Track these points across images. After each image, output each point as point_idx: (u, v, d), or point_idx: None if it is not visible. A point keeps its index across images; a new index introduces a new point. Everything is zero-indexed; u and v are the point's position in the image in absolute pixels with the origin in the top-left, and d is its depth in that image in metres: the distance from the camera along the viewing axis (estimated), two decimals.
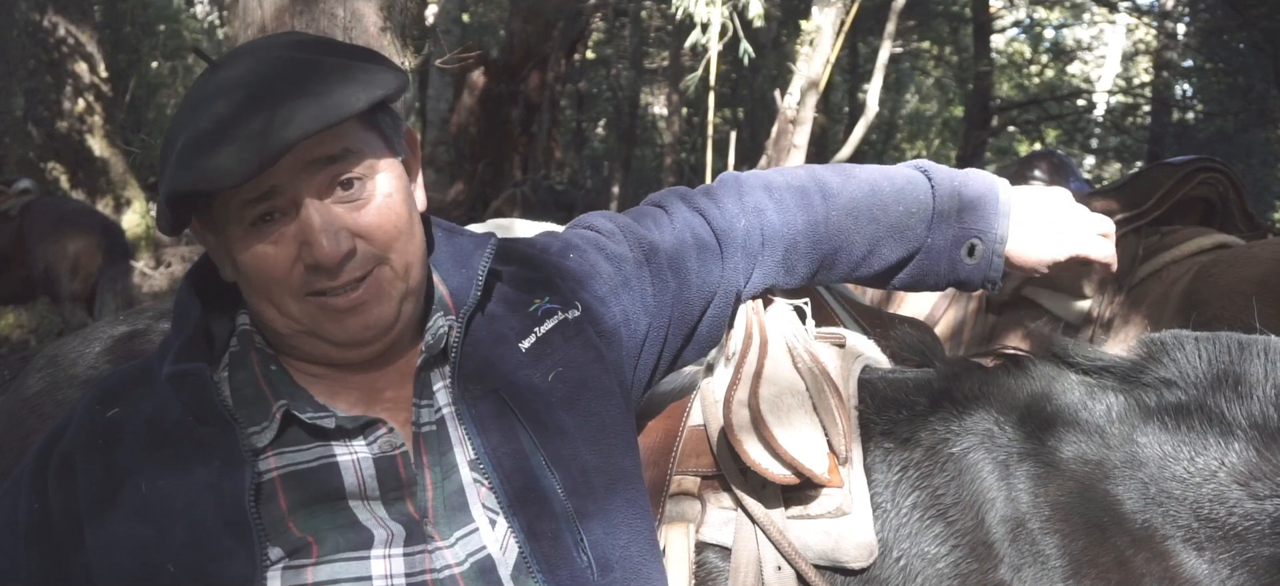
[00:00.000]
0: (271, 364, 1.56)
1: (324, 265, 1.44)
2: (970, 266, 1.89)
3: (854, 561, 1.73)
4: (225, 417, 1.46)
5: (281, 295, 1.47)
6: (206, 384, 1.48)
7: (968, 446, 1.77)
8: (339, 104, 1.41)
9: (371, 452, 1.50)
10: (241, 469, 1.43)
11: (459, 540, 1.50)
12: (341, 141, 1.46)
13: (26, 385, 2.25)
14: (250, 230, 1.45)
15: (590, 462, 1.58)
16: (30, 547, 1.48)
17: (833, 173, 1.94)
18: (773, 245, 1.88)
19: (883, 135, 25.55)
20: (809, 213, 1.88)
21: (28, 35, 11.75)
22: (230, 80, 1.45)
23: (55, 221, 7.81)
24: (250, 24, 3.36)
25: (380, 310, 1.51)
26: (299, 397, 1.52)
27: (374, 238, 1.49)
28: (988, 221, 1.87)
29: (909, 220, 1.88)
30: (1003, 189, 1.91)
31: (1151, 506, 1.65)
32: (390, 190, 1.52)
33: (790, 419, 1.77)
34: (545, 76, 14.50)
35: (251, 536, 1.40)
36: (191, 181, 1.37)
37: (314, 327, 1.49)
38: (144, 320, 2.31)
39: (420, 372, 1.57)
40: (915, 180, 1.91)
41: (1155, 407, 1.72)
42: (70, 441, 1.52)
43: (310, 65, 1.46)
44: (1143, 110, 21.21)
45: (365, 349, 1.54)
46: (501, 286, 1.69)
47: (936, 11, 22.03)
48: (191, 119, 1.42)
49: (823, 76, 9.13)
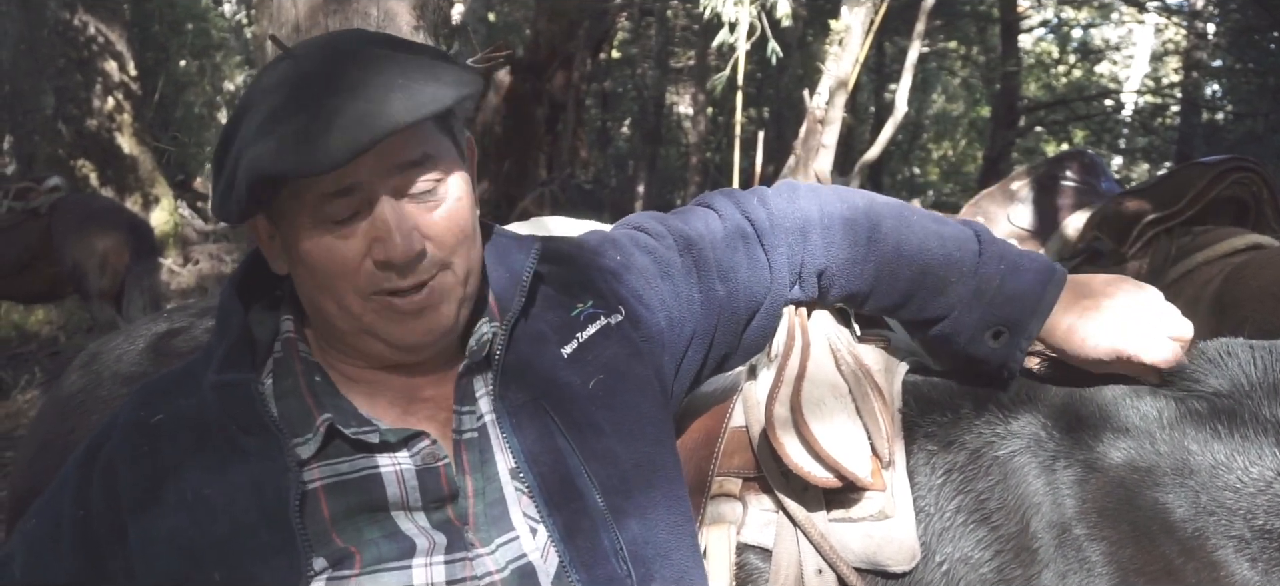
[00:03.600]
0: (316, 374, 1.56)
1: (396, 263, 1.43)
2: (991, 349, 1.81)
3: (896, 565, 1.71)
4: (270, 428, 1.46)
5: (346, 290, 1.46)
6: (252, 395, 1.48)
7: (1013, 450, 1.75)
8: (430, 98, 1.41)
9: (414, 464, 1.50)
10: (286, 479, 1.43)
11: (499, 547, 1.49)
12: (422, 146, 1.47)
13: (68, 383, 2.25)
14: (322, 222, 1.45)
15: (628, 462, 1.57)
16: (73, 551, 1.47)
17: (889, 213, 1.87)
18: (809, 269, 1.86)
19: (909, 135, 25.46)
20: (852, 248, 1.84)
21: (58, 34, 11.84)
22: (314, 71, 1.45)
23: (84, 219, 7.84)
24: (284, 23, 3.36)
25: (442, 315, 1.51)
26: (343, 410, 1.52)
27: (443, 241, 1.48)
28: (1022, 316, 1.78)
29: (946, 286, 1.82)
30: (1054, 286, 1.80)
31: (1202, 515, 1.62)
32: (460, 195, 1.52)
33: (832, 421, 1.76)
34: (571, 75, 14.50)
35: (296, 546, 1.40)
36: (289, 166, 1.35)
37: (374, 327, 1.49)
38: (185, 318, 2.31)
39: (462, 378, 1.57)
40: (965, 248, 1.83)
41: (1206, 415, 1.70)
42: (113, 446, 1.52)
43: (394, 60, 1.47)
44: (1171, 110, 21.08)
45: (421, 353, 1.54)
46: (544, 288, 1.68)
47: (963, 11, 21.93)
48: (273, 104, 1.41)
49: (851, 76, 9.10)
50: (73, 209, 7.96)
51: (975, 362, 1.85)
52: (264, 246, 1.58)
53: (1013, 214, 5.01)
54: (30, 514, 1.57)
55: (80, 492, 1.50)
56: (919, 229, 1.86)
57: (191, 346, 2.19)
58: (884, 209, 1.88)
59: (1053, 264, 1.84)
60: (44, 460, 2.16)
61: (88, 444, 1.57)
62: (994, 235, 1.89)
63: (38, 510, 1.56)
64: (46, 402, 2.31)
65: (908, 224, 1.86)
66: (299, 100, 1.41)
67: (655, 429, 1.64)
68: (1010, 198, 5.08)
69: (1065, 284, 1.81)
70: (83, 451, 1.56)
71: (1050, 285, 1.80)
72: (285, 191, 1.44)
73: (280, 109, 1.41)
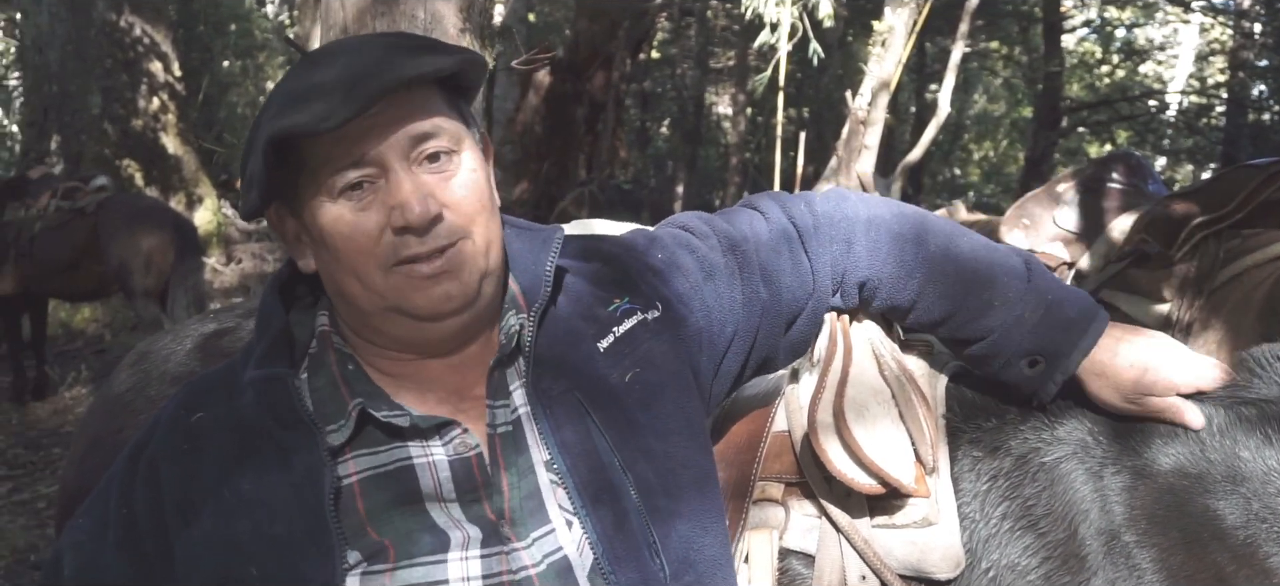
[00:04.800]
0: (349, 363, 1.58)
1: (413, 226, 1.45)
2: (1026, 377, 1.80)
3: (941, 572, 1.70)
4: (306, 422, 1.48)
5: (368, 266, 1.48)
6: (288, 389, 1.50)
7: (1060, 456, 1.73)
8: (428, 62, 1.47)
9: (447, 454, 1.51)
10: (321, 473, 1.44)
11: (536, 541, 1.49)
12: (430, 116, 1.49)
13: (117, 382, 2.28)
14: (340, 199, 1.47)
15: (663, 458, 1.57)
16: (119, 551, 1.49)
17: (938, 231, 1.86)
18: (851, 279, 1.85)
19: (950, 136, 25.32)
20: (897, 262, 1.83)
21: (104, 35, 11.99)
22: (320, 59, 1.51)
23: (129, 218, 7.94)
24: (332, 26, 3.39)
25: (462, 281, 1.51)
26: (374, 396, 1.53)
27: (460, 208, 1.50)
28: (1063, 351, 1.77)
29: (989, 309, 1.81)
30: (1098, 326, 1.79)
31: (1254, 522, 1.60)
32: (474, 167, 1.55)
33: (876, 427, 1.76)
34: (610, 76, 14.51)
35: (331, 541, 1.41)
36: (296, 123, 1.39)
37: (398, 301, 1.49)
38: (232, 319, 2.34)
39: (494, 372, 1.57)
40: (1013, 274, 1.82)
41: (1257, 421, 1.68)
42: (156, 446, 1.54)
43: (395, 43, 1.52)
44: (1217, 111, 20.84)
45: (446, 323, 1.54)
46: (579, 284, 1.69)
47: (1006, 11, 21.78)
48: (284, 92, 1.47)
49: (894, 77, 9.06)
50: (119, 208, 8.06)
51: (1006, 386, 1.85)
52: (290, 244, 1.60)
53: (1058, 216, 4.96)
54: (79, 514, 1.59)
55: (125, 492, 1.52)
56: (967, 250, 1.85)
57: (239, 346, 2.21)
58: (933, 226, 1.88)
59: (1097, 306, 1.83)
60: (93, 458, 2.19)
61: (133, 444, 1.59)
62: (1043, 267, 1.87)
63: (86, 509, 1.58)
64: (96, 401, 2.34)
65: (955, 244, 1.85)
66: (309, 78, 1.46)
67: (691, 426, 1.64)
68: (1056, 200, 5.03)
69: (1107, 326, 1.80)
70: (128, 451, 1.59)
71: (1094, 325, 1.79)
72: (304, 175, 1.47)
73: (295, 89, 1.46)
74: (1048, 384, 1.79)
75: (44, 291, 8.43)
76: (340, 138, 1.42)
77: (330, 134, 1.39)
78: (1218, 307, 3.87)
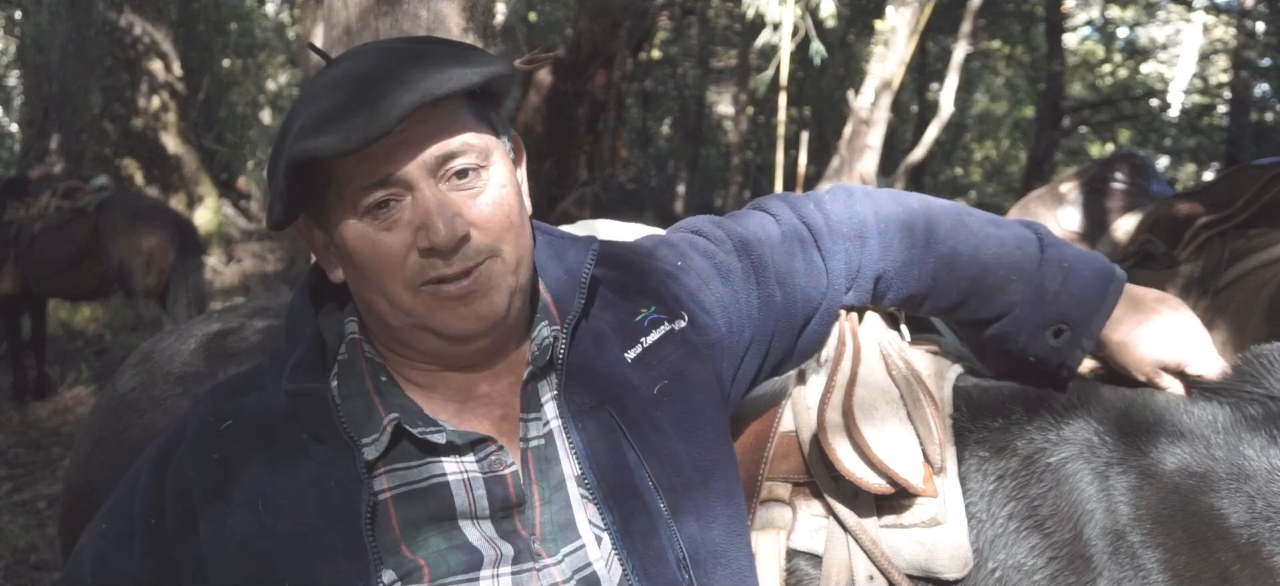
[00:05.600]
0: (381, 374, 1.56)
1: (439, 248, 1.42)
2: (1051, 348, 1.81)
3: (948, 572, 1.70)
4: (343, 438, 1.46)
5: (394, 285, 1.45)
6: (328, 405, 1.48)
7: (1066, 456, 1.73)
8: (454, 77, 1.42)
9: (481, 472, 1.49)
10: (359, 490, 1.43)
11: (565, 556, 1.49)
12: (457, 132, 1.46)
13: (122, 382, 2.28)
14: (365, 218, 1.44)
15: (689, 464, 1.56)
16: (145, 557, 1.48)
17: (946, 215, 1.87)
18: (866, 274, 1.85)
19: (951, 135, 25.31)
20: (909, 251, 1.84)
21: (105, 34, 12.01)
22: (349, 69, 1.47)
23: (130, 218, 7.95)
24: (335, 25, 3.38)
25: (491, 301, 1.48)
26: (409, 410, 1.51)
27: (488, 227, 1.47)
28: (1085, 316, 1.79)
29: (1006, 285, 1.81)
30: (1116, 287, 1.81)
31: (1259, 521, 1.60)
32: (503, 181, 1.51)
33: (884, 427, 1.75)
34: (611, 75, 14.51)
35: (367, 559, 1.40)
36: (322, 145, 1.36)
37: (425, 320, 1.47)
38: (236, 319, 2.33)
39: (527, 385, 1.56)
40: (1026, 247, 1.83)
41: (1262, 420, 1.68)
42: (184, 451, 1.52)
43: (422, 52, 1.48)
44: (1220, 111, 20.84)
45: (475, 343, 1.52)
46: (605, 292, 1.67)
47: (1008, 10, 21.78)
48: (314, 105, 1.43)
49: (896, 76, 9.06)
50: (119, 208, 8.07)
51: (1033, 362, 1.84)
52: (319, 255, 1.58)
53: (1061, 216, 4.96)
54: (100, 517, 1.58)
55: (152, 498, 1.51)
56: (977, 229, 1.85)
57: (243, 346, 2.21)
58: (940, 210, 1.88)
59: (1113, 265, 1.84)
60: (98, 457, 2.19)
61: (159, 448, 1.58)
62: (1054, 235, 1.88)
63: (108, 512, 1.57)
64: (100, 401, 2.34)
65: (965, 224, 1.86)
66: (334, 94, 1.42)
67: (716, 433, 1.63)
68: (1059, 200, 5.04)
69: (1125, 287, 1.81)
70: (151, 458, 1.57)
71: (1112, 285, 1.80)
72: (330, 192, 1.45)
73: (319, 106, 1.42)
74: (1075, 351, 1.80)
75: (44, 291, 8.44)
76: (365, 156, 1.40)
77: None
78: (1223, 308, 3.86)
